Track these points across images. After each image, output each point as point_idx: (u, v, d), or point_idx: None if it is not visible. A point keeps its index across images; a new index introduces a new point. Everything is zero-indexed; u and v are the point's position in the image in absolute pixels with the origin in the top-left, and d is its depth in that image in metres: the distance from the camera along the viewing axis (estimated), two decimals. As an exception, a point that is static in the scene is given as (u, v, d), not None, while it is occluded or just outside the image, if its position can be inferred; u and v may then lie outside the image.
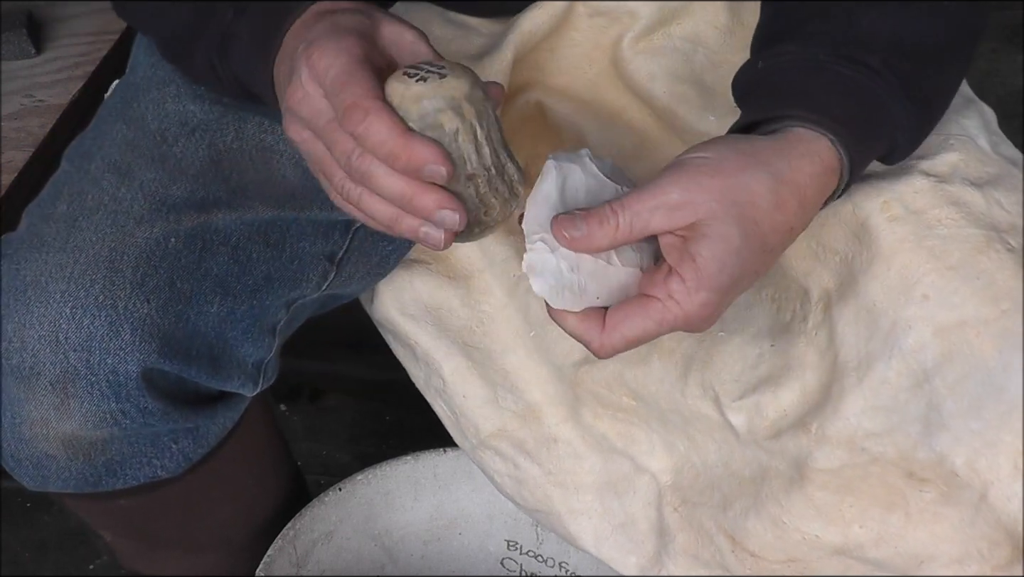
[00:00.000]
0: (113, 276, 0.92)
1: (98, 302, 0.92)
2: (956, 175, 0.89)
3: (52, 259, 0.93)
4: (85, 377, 0.92)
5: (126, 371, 0.92)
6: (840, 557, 0.91)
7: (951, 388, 0.84)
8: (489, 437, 1.06)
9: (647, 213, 0.78)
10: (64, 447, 0.96)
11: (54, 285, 0.92)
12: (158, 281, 0.93)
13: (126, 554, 1.20)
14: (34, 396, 0.93)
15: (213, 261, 0.96)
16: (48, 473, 0.98)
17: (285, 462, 1.28)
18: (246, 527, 1.20)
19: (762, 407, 0.92)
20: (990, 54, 2.32)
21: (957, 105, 0.97)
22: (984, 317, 0.83)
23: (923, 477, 0.86)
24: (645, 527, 1.01)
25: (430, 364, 1.08)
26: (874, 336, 0.87)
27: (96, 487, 1.00)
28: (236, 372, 1.00)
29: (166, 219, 0.95)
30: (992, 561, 0.85)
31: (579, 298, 0.80)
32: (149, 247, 0.94)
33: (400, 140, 0.76)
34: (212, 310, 0.96)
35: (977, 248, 0.85)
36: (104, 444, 0.97)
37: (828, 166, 0.81)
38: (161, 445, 1.00)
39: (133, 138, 1.00)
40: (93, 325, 0.92)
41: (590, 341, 0.81)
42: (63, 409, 0.93)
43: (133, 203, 0.96)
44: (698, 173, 0.78)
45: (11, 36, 1.36)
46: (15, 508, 1.73)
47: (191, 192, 0.97)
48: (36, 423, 0.94)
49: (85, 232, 0.94)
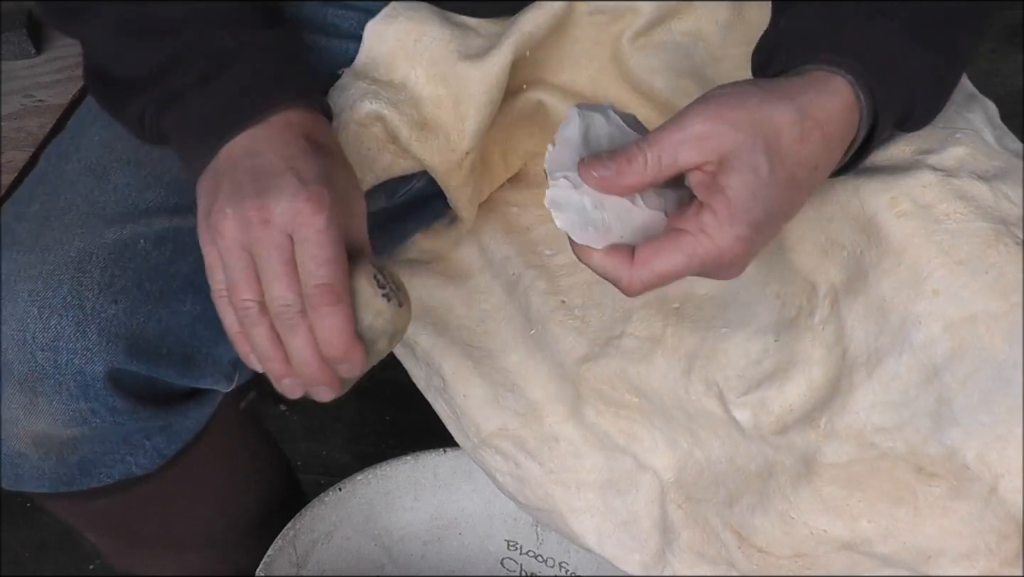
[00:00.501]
0: (81, 277, 0.92)
1: (65, 302, 0.91)
2: (963, 169, 0.89)
3: (22, 258, 0.93)
4: (52, 376, 0.92)
5: (93, 371, 0.92)
6: (848, 552, 0.90)
7: (961, 383, 0.84)
8: (490, 436, 1.06)
9: (674, 147, 0.78)
10: (35, 446, 0.96)
11: (22, 284, 0.92)
12: (126, 282, 0.93)
13: (115, 556, 1.21)
14: (3, 396, 0.93)
15: (183, 262, 0.95)
16: (22, 472, 0.98)
17: (268, 460, 1.27)
18: (229, 526, 1.20)
19: (767, 402, 0.92)
20: (990, 54, 2.32)
21: (960, 100, 0.97)
22: (994, 311, 0.83)
23: (932, 472, 0.86)
24: (648, 525, 1.01)
25: (430, 364, 1.08)
26: (884, 331, 0.87)
27: (71, 486, 1.00)
28: (210, 370, 0.99)
29: (136, 221, 0.95)
30: (1000, 555, 0.85)
31: (603, 235, 0.80)
32: (118, 248, 0.93)
33: (345, 341, 0.82)
34: (185, 309, 0.96)
35: (986, 242, 0.85)
36: (76, 443, 0.97)
37: (848, 103, 0.82)
38: (134, 442, 1.00)
39: (110, 141, 0.99)
40: (60, 325, 0.91)
41: (619, 278, 0.81)
42: (32, 408, 0.93)
43: (106, 205, 0.95)
44: (721, 106, 0.79)
45: (11, 36, 1.36)
46: (15, 508, 1.72)
47: (165, 198, 0.97)
48: (6, 423, 0.94)
49: (55, 232, 0.94)
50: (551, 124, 1.07)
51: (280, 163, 0.83)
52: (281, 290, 0.81)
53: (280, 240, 0.81)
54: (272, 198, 0.81)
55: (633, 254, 0.80)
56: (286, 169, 0.83)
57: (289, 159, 0.83)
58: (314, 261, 0.81)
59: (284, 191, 0.81)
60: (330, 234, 0.81)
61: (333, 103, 0.99)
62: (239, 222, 0.81)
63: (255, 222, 0.81)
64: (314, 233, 0.81)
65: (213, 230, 0.83)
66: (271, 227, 0.81)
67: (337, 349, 0.82)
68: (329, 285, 0.81)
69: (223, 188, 0.83)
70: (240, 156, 0.85)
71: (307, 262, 0.81)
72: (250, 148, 0.85)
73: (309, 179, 0.82)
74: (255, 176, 0.83)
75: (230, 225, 0.82)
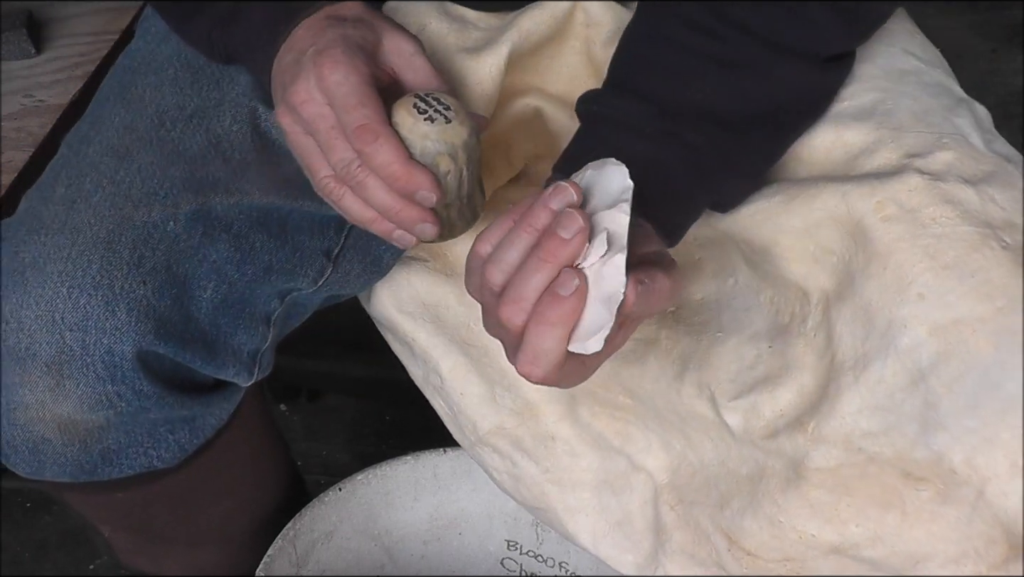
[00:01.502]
0: (110, 257, 0.93)
1: (95, 282, 0.92)
2: (950, 173, 0.89)
3: (50, 240, 0.93)
4: (80, 358, 0.92)
5: (121, 352, 0.92)
6: (836, 556, 0.90)
7: (948, 386, 0.84)
8: (487, 434, 1.06)
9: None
10: (60, 431, 0.96)
11: (52, 266, 0.92)
12: (155, 263, 0.94)
13: (125, 549, 1.21)
14: (29, 378, 0.93)
15: (212, 247, 0.97)
16: (44, 459, 0.98)
17: (283, 459, 1.28)
18: (244, 523, 1.20)
19: (759, 407, 0.92)
20: (990, 54, 2.32)
21: (948, 105, 0.97)
22: (980, 315, 0.83)
23: (920, 476, 0.86)
24: (642, 525, 1.01)
25: (428, 361, 1.08)
26: (870, 336, 0.87)
27: (92, 476, 1.00)
28: (231, 360, 1.00)
29: (163, 202, 0.96)
30: (988, 560, 0.85)
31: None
32: (147, 230, 0.94)
33: (403, 167, 0.85)
34: (206, 295, 0.97)
35: (972, 246, 0.85)
36: (100, 431, 0.97)
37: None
38: (157, 435, 1.01)
39: (131, 121, 1.01)
40: (89, 305, 0.92)
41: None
42: (58, 391, 0.93)
43: (131, 186, 0.96)
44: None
45: (11, 36, 1.35)
46: (15, 508, 1.73)
47: (190, 173, 0.98)
48: (32, 406, 0.94)
49: (83, 214, 0.95)
50: (549, 130, 1.08)
51: (306, 48, 0.89)
52: (337, 153, 0.86)
53: (320, 110, 0.86)
54: (300, 78, 0.87)
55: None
56: (308, 49, 0.88)
57: (311, 40, 0.89)
58: (344, 111, 0.86)
59: (304, 67, 0.87)
60: (351, 83, 0.86)
61: None
62: (290, 111, 0.88)
63: (296, 105, 0.87)
64: (334, 86, 0.85)
65: (282, 130, 0.90)
66: (309, 103, 0.87)
67: (400, 180, 0.85)
68: (363, 125, 0.85)
69: (278, 90, 0.91)
70: (284, 59, 0.91)
71: (341, 116, 0.86)
72: (290, 48, 0.91)
73: (323, 47, 0.87)
74: (292, 67, 0.89)
75: (287, 120, 0.89)
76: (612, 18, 1.06)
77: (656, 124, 0.90)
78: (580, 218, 0.75)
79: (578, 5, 1.06)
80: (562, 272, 0.75)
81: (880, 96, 0.97)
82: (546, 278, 0.76)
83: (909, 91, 0.98)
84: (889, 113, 0.95)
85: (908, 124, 0.94)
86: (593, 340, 0.76)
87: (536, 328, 0.76)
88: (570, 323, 0.76)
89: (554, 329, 0.75)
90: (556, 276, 0.75)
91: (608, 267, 0.77)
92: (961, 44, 2.26)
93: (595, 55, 1.07)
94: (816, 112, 0.97)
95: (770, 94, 0.92)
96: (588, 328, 0.77)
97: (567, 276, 0.75)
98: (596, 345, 0.76)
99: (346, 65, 0.86)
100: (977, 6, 2.45)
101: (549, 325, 0.75)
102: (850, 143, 0.96)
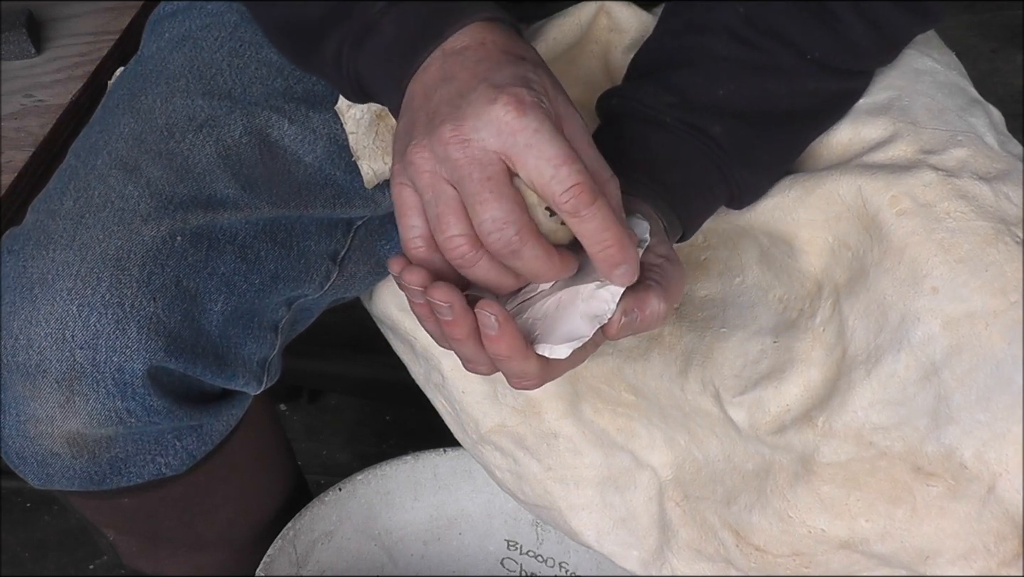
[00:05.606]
0: (120, 275, 0.92)
1: (105, 300, 0.91)
2: (965, 169, 0.90)
3: (59, 256, 0.93)
4: (91, 375, 0.92)
5: (132, 369, 0.92)
6: (845, 551, 0.91)
7: (960, 380, 0.84)
8: (489, 432, 1.06)
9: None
10: (69, 445, 0.96)
11: (61, 283, 0.92)
12: (164, 280, 0.93)
13: (129, 552, 1.20)
14: (39, 394, 0.93)
15: (219, 260, 0.96)
16: (53, 471, 0.98)
17: (288, 462, 1.28)
18: (249, 526, 1.20)
19: (764, 402, 0.92)
20: (990, 54, 2.33)
21: (963, 105, 0.98)
22: (993, 309, 0.83)
23: (930, 471, 0.86)
24: (646, 522, 1.01)
25: (429, 360, 1.08)
26: (883, 330, 0.87)
27: (100, 485, 1.00)
28: (241, 370, 0.99)
29: (172, 217, 0.95)
30: (998, 556, 0.85)
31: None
32: (156, 246, 0.94)
33: (619, 235, 0.75)
34: (216, 308, 0.96)
35: (986, 240, 0.85)
36: (109, 442, 0.97)
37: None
38: (165, 443, 1.00)
39: (140, 132, 1.00)
40: (100, 323, 0.91)
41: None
42: (68, 407, 0.93)
43: (140, 201, 0.95)
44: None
45: (11, 36, 1.35)
46: (15, 508, 1.73)
47: (198, 190, 0.97)
48: (41, 421, 0.94)
49: (92, 230, 0.94)
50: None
51: (473, 80, 0.75)
52: (491, 210, 0.73)
53: (480, 155, 0.73)
54: (467, 115, 0.73)
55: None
56: (480, 82, 0.75)
57: (482, 74, 0.76)
58: (550, 163, 0.72)
59: (475, 103, 0.73)
60: (550, 132, 0.73)
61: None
62: (434, 151, 0.74)
63: (452, 144, 0.73)
64: (532, 135, 0.73)
65: (408, 168, 0.76)
66: (469, 145, 0.73)
67: (612, 247, 0.74)
68: (580, 184, 0.72)
69: (419, 123, 0.77)
70: (434, 84, 0.78)
71: (542, 167, 0.73)
72: (444, 73, 0.78)
73: (503, 84, 0.74)
74: (450, 100, 0.75)
75: (425, 157, 0.75)
76: (637, 25, 1.06)
77: (677, 115, 0.90)
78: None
79: (603, 8, 1.07)
80: (478, 315, 0.75)
81: (896, 94, 0.98)
82: (472, 343, 0.77)
83: (925, 90, 0.98)
84: (905, 109, 0.96)
85: (924, 121, 0.95)
86: (562, 347, 0.78)
87: (500, 364, 0.78)
88: (519, 349, 0.76)
89: (511, 361, 0.77)
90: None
91: (605, 291, 0.78)
92: (961, 44, 2.26)
93: (614, 60, 1.07)
94: (838, 113, 0.98)
95: (794, 96, 0.93)
96: (561, 336, 0.78)
97: (484, 318, 0.75)
98: (562, 353, 0.78)
99: (540, 113, 0.73)
100: (977, 6, 2.46)
101: (505, 360, 0.77)
102: (867, 139, 0.96)
